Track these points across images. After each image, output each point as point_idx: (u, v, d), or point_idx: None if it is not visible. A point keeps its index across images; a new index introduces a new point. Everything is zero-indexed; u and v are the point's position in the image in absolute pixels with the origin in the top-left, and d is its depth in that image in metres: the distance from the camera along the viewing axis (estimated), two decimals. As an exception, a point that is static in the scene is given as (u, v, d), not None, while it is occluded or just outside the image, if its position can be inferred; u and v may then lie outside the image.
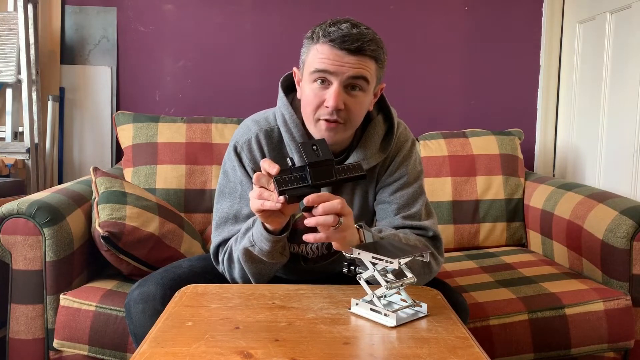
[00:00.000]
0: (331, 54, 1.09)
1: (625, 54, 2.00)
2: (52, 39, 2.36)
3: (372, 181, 1.27)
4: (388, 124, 1.26)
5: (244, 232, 1.15)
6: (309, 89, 1.13)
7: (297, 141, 1.19)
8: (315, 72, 1.11)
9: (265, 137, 1.22)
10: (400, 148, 1.27)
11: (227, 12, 2.40)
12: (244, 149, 1.22)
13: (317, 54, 1.11)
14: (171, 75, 2.42)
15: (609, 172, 2.11)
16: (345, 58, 1.09)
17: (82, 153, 2.40)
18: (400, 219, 1.24)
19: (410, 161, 1.27)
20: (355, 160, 1.20)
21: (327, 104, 1.11)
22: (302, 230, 1.22)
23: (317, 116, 1.14)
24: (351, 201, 1.27)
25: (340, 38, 1.08)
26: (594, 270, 1.66)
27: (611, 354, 1.57)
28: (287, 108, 1.21)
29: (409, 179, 1.26)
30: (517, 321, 1.49)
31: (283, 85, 1.25)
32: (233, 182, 1.24)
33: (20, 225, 1.49)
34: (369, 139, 1.23)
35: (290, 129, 1.20)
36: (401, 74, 2.43)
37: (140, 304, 1.14)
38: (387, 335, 0.92)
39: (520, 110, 2.50)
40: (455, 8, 2.45)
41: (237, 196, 1.23)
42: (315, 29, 1.13)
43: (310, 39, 1.14)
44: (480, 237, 2.11)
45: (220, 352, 0.84)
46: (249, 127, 1.25)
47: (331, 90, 1.10)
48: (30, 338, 1.52)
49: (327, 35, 1.09)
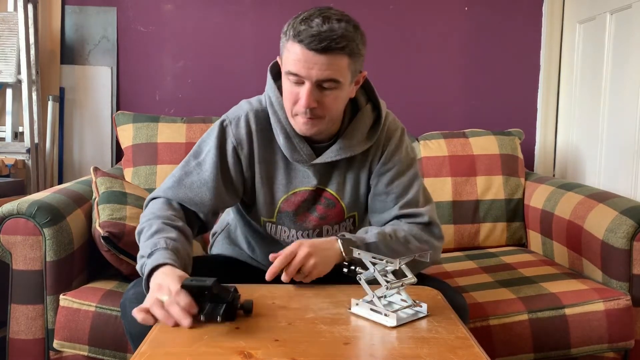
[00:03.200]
0: (301, 54, 1.10)
1: (625, 54, 2.00)
2: (52, 39, 2.36)
3: (365, 168, 1.29)
4: (376, 112, 1.28)
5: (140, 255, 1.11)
6: (286, 85, 1.17)
7: (282, 123, 1.23)
8: (289, 73, 1.13)
9: (255, 117, 1.26)
10: (391, 137, 1.29)
11: (226, 12, 2.40)
12: (231, 123, 1.26)
13: (289, 54, 1.13)
14: (171, 75, 2.41)
15: (609, 172, 2.11)
16: (314, 59, 1.10)
17: (82, 153, 2.40)
18: (398, 208, 1.27)
19: (402, 149, 1.30)
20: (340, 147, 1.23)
21: (300, 103, 1.14)
22: (290, 213, 1.28)
23: (294, 112, 1.17)
24: (343, 188, 1.29)
25: (309, 38, 1.08)
26: (594, 270, 1.66)
27: (611, 354, 1.57)
28: (274, 91, 1.24)
29: (402, 167, 1.29)
30: (517, 321, 1.48)
31: (273, 71, 1.27)
32: (199, 149, 1.27)
33: (20, 225, 1.49)
34: (356, 127, 1.25)
35: (276, 110, 1.23)
36: (401, 74, 2.43)
37: (135, 303, 1.14)
38: (387, 335, 0.92)
39: (520, 110, 2.50)
40: (455, 8, 2.45)
41: (193, 160, 1.26)
42: (290, 23, 1.14)
43: (284, 35, 1.15)
44: (481, 237, 2.11)
45: (220, 352, 0.84)
46: (242, 106, 1.29)
47: (303, 91, 1.13)
48: (30, 338, 1.52)
49: (297, 35, 1.10)
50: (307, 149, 1.23)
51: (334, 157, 1.24)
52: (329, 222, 1.31)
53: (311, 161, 1.24)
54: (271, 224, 1.32)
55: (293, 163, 1.26)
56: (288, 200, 1.28)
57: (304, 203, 1.28)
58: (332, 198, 1.29)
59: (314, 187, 1.27)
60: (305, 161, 1.24)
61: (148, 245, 1.10)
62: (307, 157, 1.23)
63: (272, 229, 1.32)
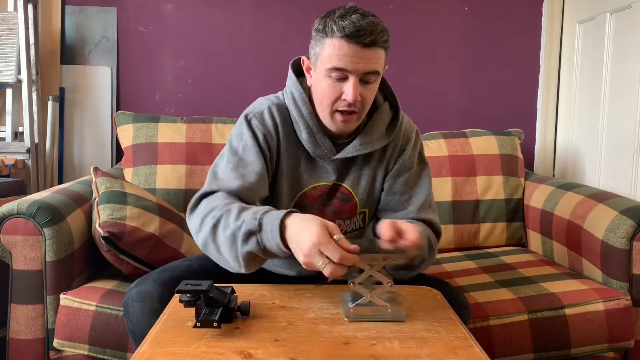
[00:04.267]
0: (348, 49, 1.11)
1: (625, 54, 2.00)
2: (52, 39, 2.36)
3: (382, 166, 1.31)
4: (393, 111, 1.31)
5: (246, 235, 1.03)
6: (325, 83, 1.16)
7: (305, 118, 1.23)
8: (333, 69, 1.13)
9: (278, 109, 1.25)
10: (409, 138, 1.33)
11: (227, 12, 2.40)
12: (255, 116, 1.24)
13: (333, 49, 1.12)
14: (171, 75, 2.42)
15: (609, 172, 2.11)
16: (360, 52, 1.11)
17: (82, 153, 2.40)
18: (416, 212, 1.29)
19: (421, 152, 1.35)
20: (360, 143, 1.24)
21: (345, 97, 1.14)
22: (307, 207, 1.27)
23: (334, 108, 1.18)
24: (358, 184, 1.30)
25: (356, 32, 1.10)
26: (594, 270, 1.66)
27: (611, 354, 1.57)
28: (297, 87, 1.24)
29: (419, 171, 1.33)
30: (517, 321, 1.49)
31: (293, 68, 1.28)
32: (235, 146, 1.22)
33: (20, 225, 1.49)
34: (376, 124, 1.27)
35: (299, 106, 1.23)
36: (401, 74, 2.43)
37: (138, 302, 1.15)
38: (387, 335, 0.92)
39: (520, 110, 2.50)
40: (455, 8, 2.45)
41: (238, 156, 1.20)
42: (327, 22, 1.14)
43: (322, 32, 1.15)
44: (480, 237, 2.11)
45: (220, 352, 0.84)
46: (261, 102, 1.29)
47: (349, 85, 1.14)
48: (30, 338, 1.52)
49: (342, 30, 1.10)
50: (328, 144, 1.24)
51: (354, 152, 1.25)
52: (341, 217, 1.32)
53: (332, 156, 1.25)
54: None
55: (315, 158, 1.26)
56: (307, 195, 1.28)
57: (322, 198, 1.29)
58: (347, 193, 1.30)
59: (332, 183, 1.28)
60: (326, 156, 1.25)
61: (247, 220, 1.01)
62: (328, 152, 1.24)
63: None
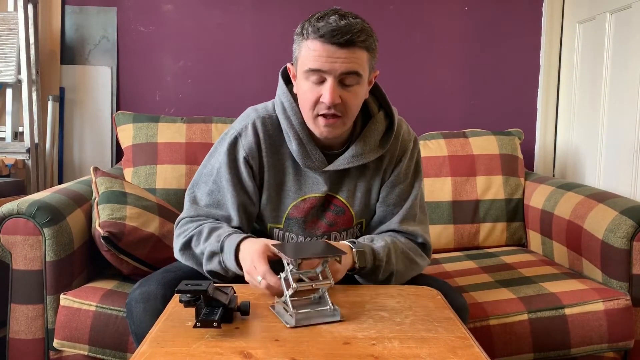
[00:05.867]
0: (322, 50, 1.10)
1: (625, 54, 2.00)
2: (52, 39, 2.36)
3: (377, 177, 1.29)
4: (388, 120, 1.28)
5: (210, 255, 1.17)
6: (305, 86, 1.15)
7: (295, 129, 1.21)
8: (309, 71, 1.12)
9: (262, 123, 1.25)
10: (405, 149, 1.30)
11: (227, 12, 2.40)
12: (240, 135, 1.25)
13: (309, 51, 1.12)
14: (171, 75, 2.41)
15: (609, 172, 2.11)
16: (336, 53, 1.09)
17: (82, 153, 2.40)
18: (398, 223, 1.28)
19: (417, 164, 1.33)
20: (352, 155, 1.23)
21: (323, 100, 1.13)
22: (300, 220, 1.27)
23: (315, 112, 1.16)
24: (353, 196, 1.28)
25: (330, 32, 1.08)
26: (593, 270, 1.66)
27: (611, 354, 1.57)
28: (287, 96, 1.23)
29: (411, 182, 1.31)
30: (517, 321, 1.48)
31: (283, 76, 1.27)
32: (216, 167, 1.26)
33: (20, 225, 1.49)
34: (369, 134, 1.24)
35: (288, 115, 1.22)
36: (401, 74, 2.43)
37: (141, 304, 1.14)
38: (386, 335, 0.92)
39: (520, 110, 2.50)
40: (455, 8, 2.45)
41: (211, 180, 1.26)
42: (305, 25, 1.14)
43: (300, 35, 1.15)
44: (480, 237, 2.11)
45: (220, 352, 0.84)
46: (248, 114, 1.28)
47: (326, 86, 1.12)
48: (30, 338, 1.52)
49: (316, 31, 1.10)
50: (319, 155, 1.22)
51: (347, 164, 1.23)
52: (337, 229, 1.30)
53: (323, 168, 1.23)
54: (278, 230, 1.30)
55: (303, 169, 1.25)
56: (297, 207, 1.26)
57: (314, 210, 1.27)
58: (342, 205, 1.28)
59: (324, 194, 1.26)
60: (317, 168, 1.23)
61: (212, 242, 1.16)
62: (319, 163, 1.22)
63: (279, 235, 1.31)
